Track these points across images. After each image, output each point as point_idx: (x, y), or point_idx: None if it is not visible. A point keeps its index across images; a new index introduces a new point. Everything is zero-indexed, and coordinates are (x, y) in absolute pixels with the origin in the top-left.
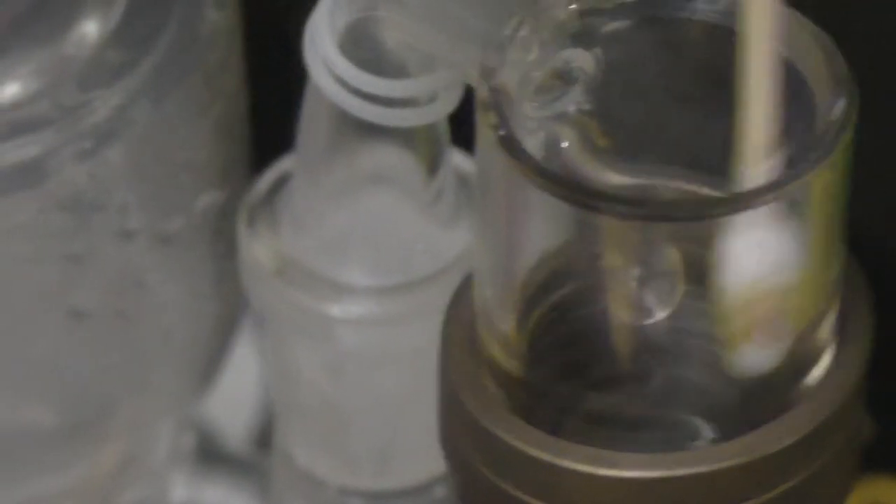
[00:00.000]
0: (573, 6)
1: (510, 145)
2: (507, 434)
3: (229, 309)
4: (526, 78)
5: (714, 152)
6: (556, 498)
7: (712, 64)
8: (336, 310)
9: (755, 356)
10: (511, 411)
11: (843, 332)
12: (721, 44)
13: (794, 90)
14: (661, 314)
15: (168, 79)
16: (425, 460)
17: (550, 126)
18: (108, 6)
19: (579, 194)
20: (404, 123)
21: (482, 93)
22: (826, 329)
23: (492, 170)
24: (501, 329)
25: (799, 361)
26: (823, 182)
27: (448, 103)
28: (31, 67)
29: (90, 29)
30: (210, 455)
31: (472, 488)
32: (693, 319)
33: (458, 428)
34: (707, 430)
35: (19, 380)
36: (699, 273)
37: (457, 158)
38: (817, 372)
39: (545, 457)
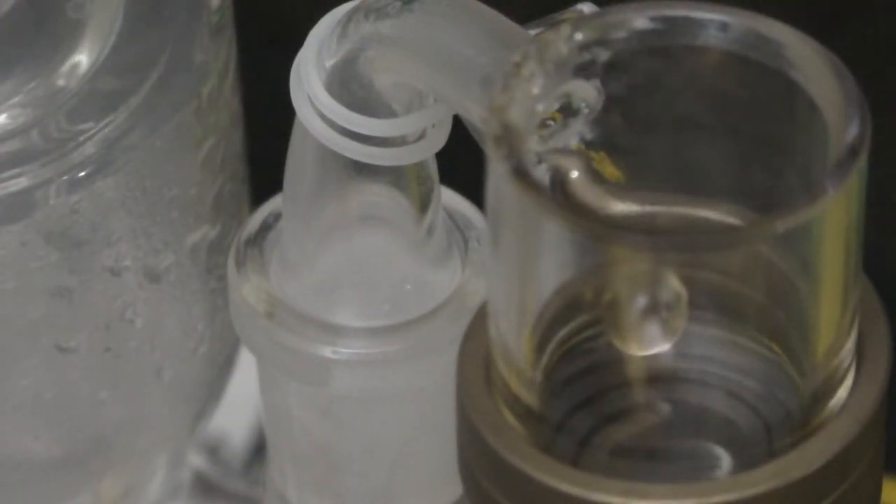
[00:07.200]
0: (577, 37)
1: (525, 179)
2: (535, 471)
3: (224, 343)
4: (530, 111)
5: (719, 178)
6: None
7: (722, 90)
8: (328, 351)
9: None
10: (533, 446)
11: (862, 353)
12: (734, 71)
13: (806, 115)
14: (677, 342)
15: (158, 112)
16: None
17: (553, 158)
18: (100, 38)
19: (597, 226)
20: (394, 162)
21: (493, 128)
22: (847, 353)
23: (505, 204)
24: (518, 362)
25: (821, 387)
26: (839, 207)
27: (437, 141)
28: (19, 99)
29: (81, 60)
30: (207, 488)
31: None
32: (710, 347)
33: (481, 466)
34: (727, 460)
35: (8, 411)
36: (713, 300)
37: (445, 195)
38: (841, 394)
39: (576, 492)
